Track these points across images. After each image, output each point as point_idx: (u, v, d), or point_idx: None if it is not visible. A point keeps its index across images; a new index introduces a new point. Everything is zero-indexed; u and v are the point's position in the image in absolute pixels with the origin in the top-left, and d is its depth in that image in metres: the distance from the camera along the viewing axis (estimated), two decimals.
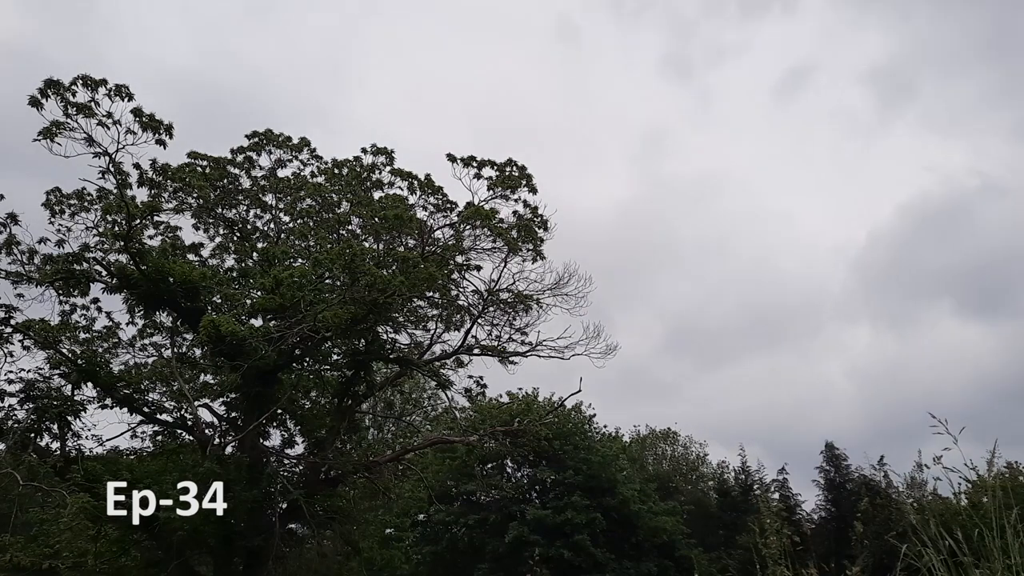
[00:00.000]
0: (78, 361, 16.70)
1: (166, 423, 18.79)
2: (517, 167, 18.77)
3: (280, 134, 20.37)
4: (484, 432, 22.01)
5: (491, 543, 29.99)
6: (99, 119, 13.51)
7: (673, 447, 48.42)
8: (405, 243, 17.88)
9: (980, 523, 5.43)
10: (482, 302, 19.16)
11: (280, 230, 20.24)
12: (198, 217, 19.68)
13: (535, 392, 32.84)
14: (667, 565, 31.16)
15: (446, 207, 19.23)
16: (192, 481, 16.10)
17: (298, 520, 18.58)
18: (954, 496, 6.57)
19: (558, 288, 18.81)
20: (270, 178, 20.27)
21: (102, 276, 16.73)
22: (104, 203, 16.75)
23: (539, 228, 18.80)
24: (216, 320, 14.79)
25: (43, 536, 18.13)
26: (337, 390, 19.46)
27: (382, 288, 14.91)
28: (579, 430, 32.81)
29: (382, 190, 19.44)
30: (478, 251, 18.87)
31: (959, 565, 5.34)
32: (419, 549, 30.45)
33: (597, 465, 31.10)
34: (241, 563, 17.60)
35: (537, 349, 19.02)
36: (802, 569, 6.78)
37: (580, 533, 29.19)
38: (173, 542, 15.79)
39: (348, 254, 15.35)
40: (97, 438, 17.54)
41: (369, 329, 16.94)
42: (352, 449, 20.55)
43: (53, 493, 16.09)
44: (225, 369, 17.16)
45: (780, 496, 36.35)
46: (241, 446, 17.87)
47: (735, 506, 38.79)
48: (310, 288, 15.47)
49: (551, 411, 27.24)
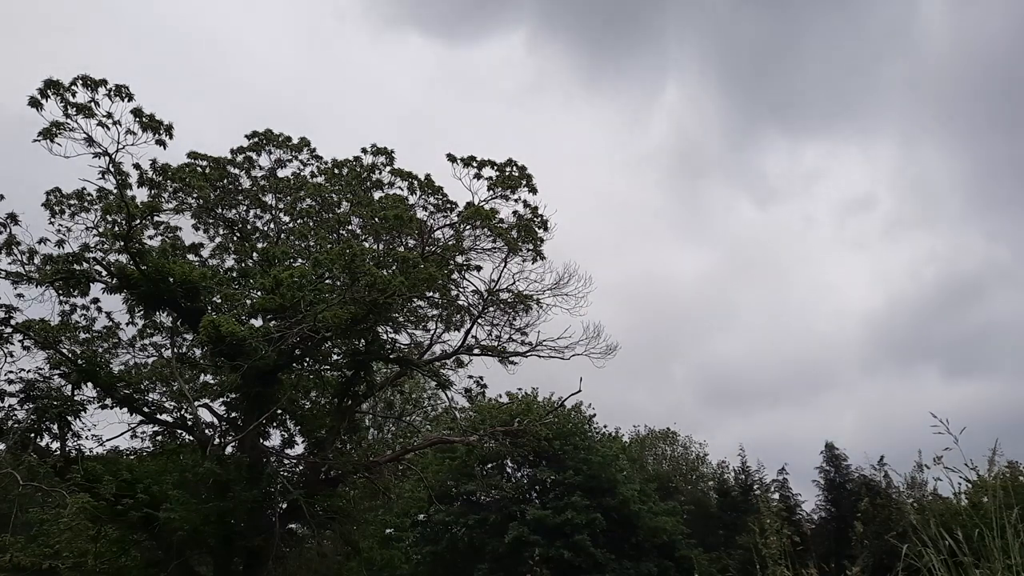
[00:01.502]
0: (78, 361, 16.70)
1: (166, 423, 18.79)
2: (517, 167, 18.78)
3: (280, 134, 20.36)
4: (484, 432, 21.99)
5: (491, 543, 29.97)
6: (99, 119, 13.52)
7: (673, 447, 48.42)
8: (405, 243, 17.89)
9: (980, 523, 5.43)
10: (482, 302, 19.17)
11: (280, 230, 20.24)
12: (198, 217, 19.67)
13: (535, 392, 32.86)
14: (667, 565, 31.15)
15: (446, 207, 19.24)
16: (192, 481, 16.17)
17: (298, 520, 18.58)
18: (954, 496, 6.57)
19: (558, 288, 18.84)
20: (270, 178, 20.26)
21: (102, 276, 16.73)
22: (104, 203, 16.75)
23: (539, 228, 18.81)
24: (216, 320, 14.79)
25: (43, 536, 18.16)
26: (337, 390, 19.45)
27: (382, 288, 14.91)
28: (579, 430, 32.79)
29: (382, 190, 19.44)
30: (478, 251, 18.90)
31: (959, 565, 5.34)
32: (419, 549, 30.42)
33: (597, 465, 31.09)
34: (241, 563, 17.61)
35: (537, 349, 19.04)
36: (802, 569, 6.78)
37: (580, 533, 29.17)
38: (173, 542, 15.81)
39: (348, 254, 15.34)
40: (97, 438, 17.59)
41: (369, 329, 16.94)
42: (352, 449, 20.54)
43: (53, 493, 16.12)
44: (225, 369, 17.16)
45: (780, 496, 36.37)
46: (241, 446, 17.87)
47: (735, 506, 38.78)
48: (310, 288, 15.46)
49: (551, 411, 27.24)
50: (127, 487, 15.32)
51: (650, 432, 48.36)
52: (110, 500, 15.13)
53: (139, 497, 15.26)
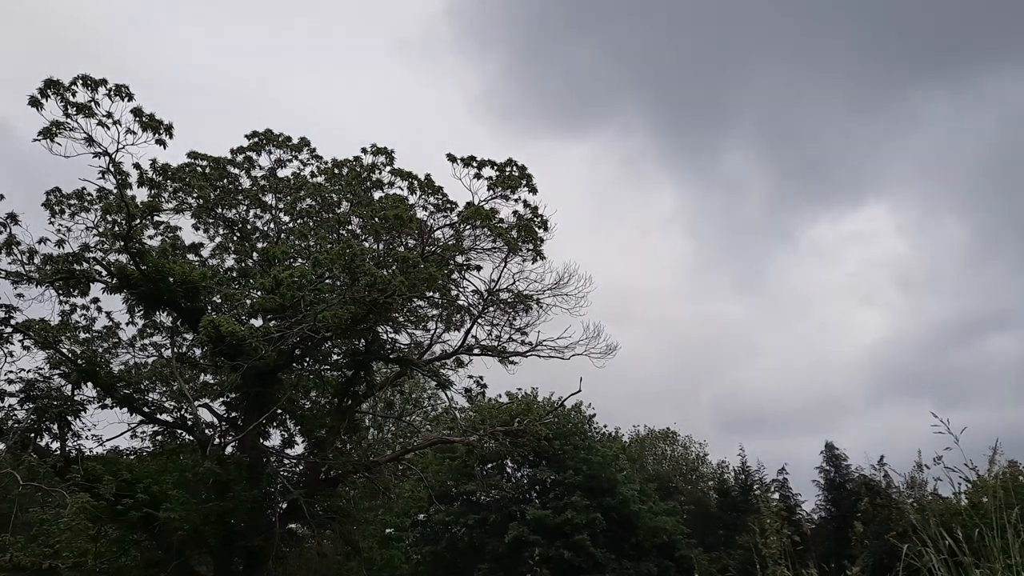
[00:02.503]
0: (78, 361, 16.70)
1: (166, 423, 18.79)
2: (517, 167, 18.77)
3: (280, 134, 20.36)
4: (484, 432, 21.98)
5: (491, 543, 29.98)
6: (99, 119, 13.52)
7: (673, 447, 48.40)
8: (405, 243, 17.87)
9: (980, 523, 5.43)
10: (482, 302, 19.16)
11: (280, 230, 20.23)
12: (198, 217, 19.67)
13: (535, 392, 32.87)
14: (667, 565, 31.16)
15: (446, 207, 19.23)
16: (192, 481, 16.16)
17: (298, 520, 18.57)
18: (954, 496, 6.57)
19: (558, 288, 18.83)
20: (270, 178, 20.26)
21: (102, 276, 16.73)
22: (104, 203, 16.75)
23: (539, 228, 18.80)
24: (216, 320, 14.78)
25: (43, 536, 18.17)
26: (337, 390, 19.45)
27: (382, 288, 14.90)
28: (579, 430, 32.80)
29: (382, 190, 19.43)
30: (478, 251, 18.88)
31: (959, 565, 5.34)
32: (419, 549, 30.42)
33: (597, 465, 31.09)
34: (241, 563, 17.61)
35: (537, 349, 19.03)
36: (802, 569, 6.78)
37: (580, 533, 29.18)
38: (173, 542, 15.81)
39: (348, 254, 15.33)
40: (97, 438, 17.60)
41: (369, 329, 16.93)
42: (352, 449, 20.53)
43: (53, 493, 16.13)
44: (225, 369, 17.14)
45: (780, 496, 36.36)
46: (241, 446, 17.87)
47: (735, 506, 38.77)
48: (310, 288, 15.45)
49: (551, 411, 27.23)
50: (127, 487, 15.31)
51: (650, 432, 48.36)
52: (110, 500, 15.13)
53: (139, 497, 15.26)
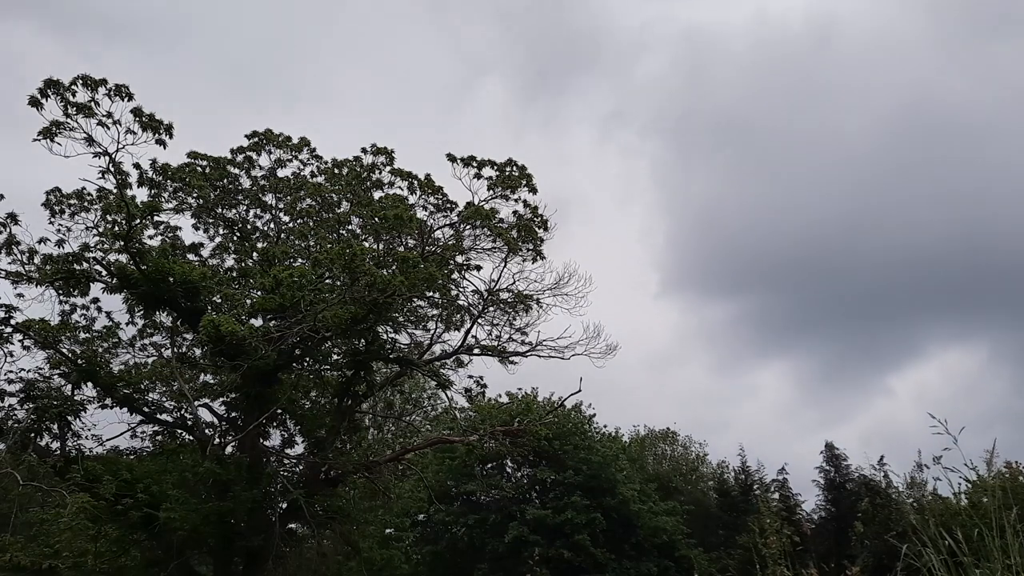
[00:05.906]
0: (78, 361, 16.70)
1: (166, 423, 18.79)
2: (517, 167, 18.79)
3: (280, 134, 20.37)
4: (484, 432, 21.97)
5: (491, 543, 29.96)
6: (99, 119, 13.52)
7: (673, 447, 48.34)
8: (405, 243, 17.89)
9: (980, 523, 5.43)
10: (482, 302, 19.18)
11: (280, 230, 20.24)
12: (198, 217, 19.68)
13: (535, 392, 32.85)
14: (667, 565, 31.14)
15: (446, 207, 19.24)
16: (192, 481, 16.16)
17: (298, 520, 18.58)
18: (954, 496, 6.57)
19: (558, 288, 18.85)
20: (270, 178, 20.27)
21: (102, 276, 16.72)
22: (104, 203, 16.76)
23: (539, 228, 18.82)
24: (216, 320, 14.78)
25: (43, 536, 18.16)
26: (337, 390, 19.45)
27: (382, 288, 14.91)
28: (579, 430, 32.77)
29: (382, 190, 19.43)
30: (478, 251, 18.92)
31: (959, 565, 5.34)
32: (419, 549, 30.39)
33: (597, 465, 31.07)
34: (241, 563, 17.61)
35: (537, 349, 19.06)
36: (802, 569, 6.79)
37: (580, 533, 29.16)
38: (173, 542, 15.81)
39: (348, 254, 15.34)
40: (97, 438, 17.61)
41: (369, 329, 16.93)
42: (352, 449, 20.53)
43: (53, 493, 16.13)
44: (225, 369, 17.14)
45: (780, 496, 36.32)
46: (241, 446, 17.88)
47: (735, 506, 38.71)
48: (310, 288, 15.45)
49: (551, 411, 27.24)
50: (127, 487, 15.29)
51: (650, 432, 48.32)
52: (110, 500, 15.12)
53: (139, 497, 15.23)
